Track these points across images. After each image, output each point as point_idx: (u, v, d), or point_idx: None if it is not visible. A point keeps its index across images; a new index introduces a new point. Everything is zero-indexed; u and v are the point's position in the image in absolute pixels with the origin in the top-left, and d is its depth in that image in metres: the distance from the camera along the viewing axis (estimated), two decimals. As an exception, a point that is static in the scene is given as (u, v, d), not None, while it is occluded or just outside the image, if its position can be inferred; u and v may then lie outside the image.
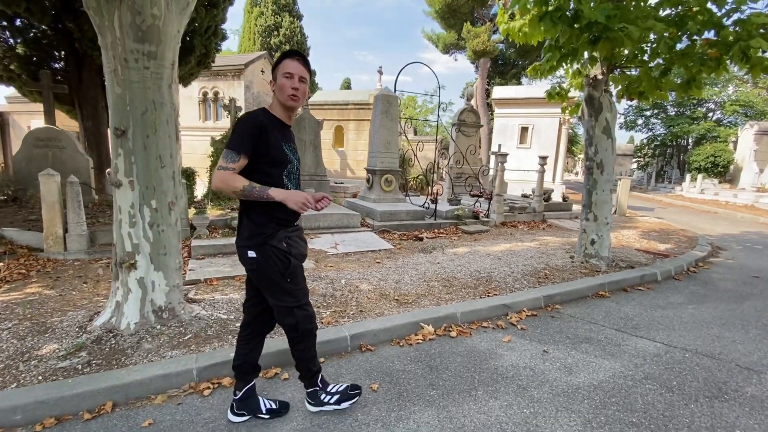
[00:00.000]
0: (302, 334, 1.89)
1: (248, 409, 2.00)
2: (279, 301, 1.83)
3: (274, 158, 1.74)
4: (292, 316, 1.84)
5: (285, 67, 1.73)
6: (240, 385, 1.99)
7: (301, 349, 1.94)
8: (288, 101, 1.75)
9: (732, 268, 5.24)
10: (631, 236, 6.96)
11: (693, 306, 3.74)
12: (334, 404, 2.04)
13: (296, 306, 1.85)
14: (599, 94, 4.93)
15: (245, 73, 9.92)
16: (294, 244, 1.84)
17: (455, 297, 3.63)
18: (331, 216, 6.24)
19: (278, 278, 1.79)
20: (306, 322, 1.88)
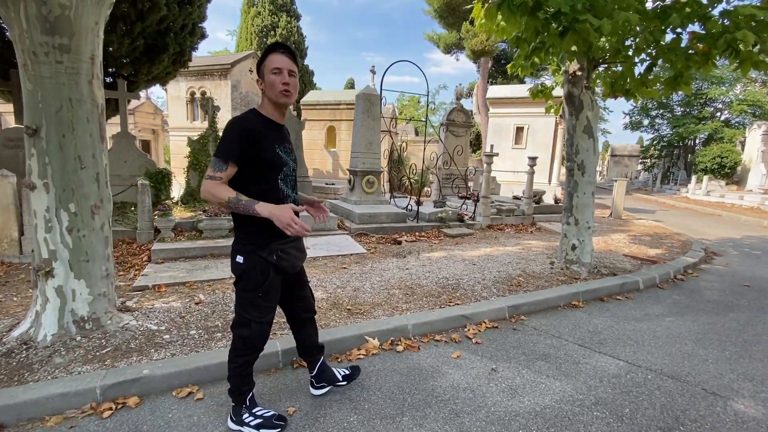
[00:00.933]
0: (247, 350, 1.85)
1: (327, 380, 2.18)
2: (242, 310, 1.80)
3: (267, 162, 1.67)
4: (248, 328, 1.81)
5: (272, 63, 1.64)
6: (311, 364, 2.17)
7: (239, 364, 1.86)
8: (280, 98, 1.67)
9: (723, 276, 4.93)
10: (621, 240, 6.66)
11: (671, 318, 3.47)
12: (253, 428, 1.90)
13: (256, 321, 1.81)
14: (579, 91, 4.67)
15: (232, 72, 9.79)
16: (286, 256, 1.79)
17: (413, 307, 3.40)
18: (305, 218, 6.04)
19: (251, 290, 1.76)
20: (258, 339, 1.85)
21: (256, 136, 1.63)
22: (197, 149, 6.97)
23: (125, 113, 6.57)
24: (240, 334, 1.82)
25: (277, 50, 1.66)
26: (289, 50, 1.69)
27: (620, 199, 9.36)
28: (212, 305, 3.28)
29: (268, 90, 1.67)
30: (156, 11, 5.72)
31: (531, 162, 7.83)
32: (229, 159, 1.59)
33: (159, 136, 14.29)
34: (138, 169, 6.70)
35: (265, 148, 1.66)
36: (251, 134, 1.62)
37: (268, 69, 1.64)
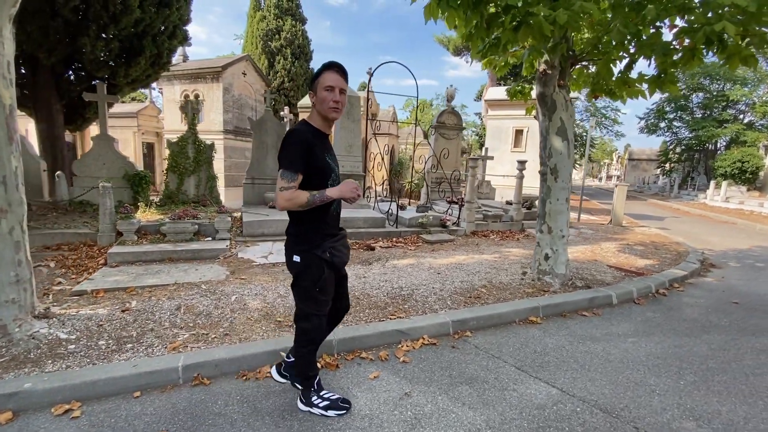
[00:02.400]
0: (309, 342, 2.03)
1: (290, 375, 2.26)
2: (303, 304, 1.98)
3: (319, 170, 1.84)
4: (308, 321, 1.98)
5: (326, 80, 1.78)
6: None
7: (304, 353, 2.05)
8: (330, 113, 1.82)
9: (713, 291, 4.52)
10: (611, 250, 6.26)
11: (634, 339, 3.14)
12: (322, 409, 2.07)
13: (315, 314, 1.97)
14: (551, 90, 4.37)
15: (223, 75, 9.79)
16: (337, 253, 1.97)
17: (351, 319, 3.18)
18: (276, 223, 5.91)
19: (310, 285, 1.91)
20: (317, 332, 2.02)
21: (312, 147, 1.79)
22: (176, 152, 6.94)
23: (104, 116, 6.60)
24: (302, 327, 2.00)
25: (332, 69, 1.80)
26: (342, 69, 1.84)
27: (620, 205, 8.88)
28: (138, 313, 3.14)
29: (318, 104, 1.82)
30: (129, 13, 5.71)
31: (520, 166, 7.49)
32: (298, 170, 1.77)
33: (162, 138, 14.52)
34: (117, 171, 6.72)
35: (318, 157, 1.82)
36: (309, 145, 1.78)
37: (322, 86, 1.78)
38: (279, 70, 17.62)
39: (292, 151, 1.76)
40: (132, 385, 2.30)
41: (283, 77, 17.63)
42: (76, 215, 5.97)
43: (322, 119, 1.87)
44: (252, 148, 7.28)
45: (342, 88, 1.82)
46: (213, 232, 5.48)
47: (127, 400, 2.22)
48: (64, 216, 5.89)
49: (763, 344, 3.06)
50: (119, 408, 2.15)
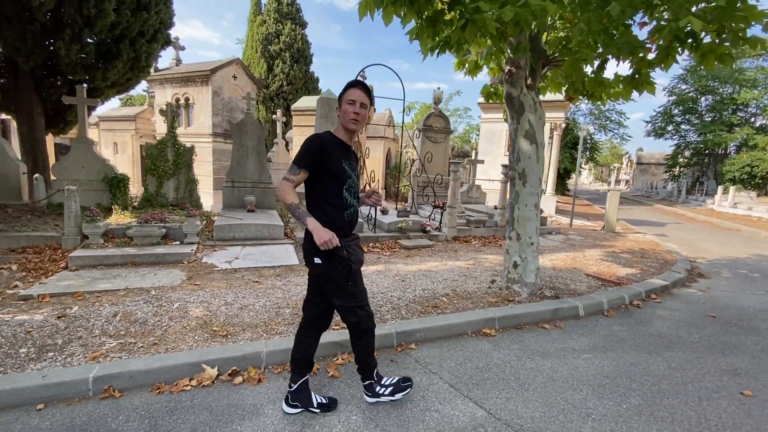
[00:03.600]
0: (363, 332, 2.10)
1: (301, 402, 2.16)
2: (342, 301, 2.04)
3: (333, 173, 1.96)
4: (354, 315, 2.05)
5: (348, 96, 1.98)
6: (296, 378, 2.17)
7: (361, 345, 2.15)
8: (349, 125, 1.99)
9: (692, 303, 4.27)
10: (594, 257, 6.02)
11: (589, 355, 2.94)
12: (389, 395, 2.21)
13: (358, 306, 2.05)
14: (518, 92, 4.20)
15: (213, 78, 9.80)
16: (353, 251, 2.06)
17: (292, 330, 3.05)
18: (248, 227, 5.82)
19: (342, 282, 2.01)
20: (366, 321, 2.08)
21: (327, 151, 1.94)
22: (155, 155, 6.92)
23: (84, 119, 6.60)
24: (350, 322, 2.07)
25: (355, 86, 2.00)
26: (364, 86, 2.02)
27: (613, 211, 8.60)
28: (73, 320, 3.06)
29: (342, 116, 2.00)
30: (104, 17, 5.71)
31: (504, 170, 7.29)
32: (302, 166, 1.92)
33: (160, 141, 14.60)
34: (96, 174, 6.72)
35: (334, 162, 1.95)
36: (322, 148, 1.93)
37: (345, 100, 1.98)
38: (278, 73, 17.68)
39: (304, 149, 1.93)
40: (37, 396, 2.21)
41: (281, 81, 17.68)
42: (51, 218, 5.96)
43: (345, 130, 2.03)
44: (232, 151, 7.23)
45: (363, 103, 1.98)
46: (182, 235, 5.41)
47: (28, 413, 2.12)
48: (39, 218, 5.89)
49: (729, 364, 2.83)
50: (16, 421, 2.05)
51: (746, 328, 3.55)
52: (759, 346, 3.15)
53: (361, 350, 2.17)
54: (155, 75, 10.61)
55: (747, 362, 2.86)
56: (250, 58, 18.31)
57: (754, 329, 3.54)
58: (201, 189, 9.15)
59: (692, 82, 21.27)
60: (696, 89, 21.17)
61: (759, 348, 3.12)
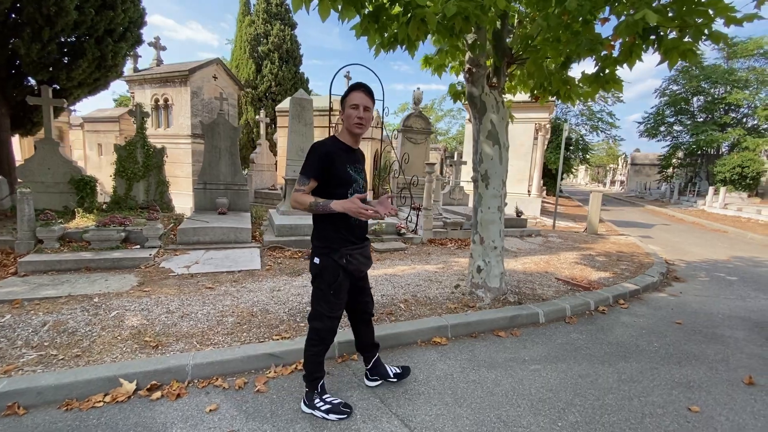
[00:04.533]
0: (319, 341, 2.13)
1: (379, 374, 2.46)
2: (317, 304, 2.10)
3: (340, 178, 1.98)
4: (320, 321, 2.09)
5: (351, 99, 1.98)
6: (367, 358, 2.47)
7: (313, 353, 2.15)
8: (354, 129, 2.00)
9: (660, 309, 4.14)
10: (568, 260, 5.88)
11: (538, 366, 2.80)
12: (323, 413, 2.15)
13: (327, 315, 2.09)
14: (480, 91, 4.07)
15: (191, 79, 9.65)
16: (354, 261, 2.06)
17: (228, 340, 2.91)
18: (213, 230, 5.67)
19: (325, 287, 2.05)
20: (327, 332, 2.13)
21: (332, 157, 1.96)
22: (124, 156, 6.77)
23: (49, 119, 6.44)
24: (314, 326, 2.11)
25: (359, 89, 1.99)
26: (367, 89, 2.02)
27: (595, 212, 8.47)
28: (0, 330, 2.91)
29: (345, 120, 2.00)
30: (64, 15, 5.56)
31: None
32: (311, 176, 1.94)
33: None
34: (62, 176, 6.56)
35: (340, 168, 1.97)
36: (328, 156, 1.95)
37: (348, 104, 1.98)
38: (266, 74, 17.54)
39: (310, 159, 1.95)
40: (-69, 416, 2.06)
41: (270, 81, 17.55)
42: (12, 221, 5.80)
43: (348, 134, 2.04)
44: (204, 152, 7.08)
45: (366, 106, 1.98)
46: (144, 239, 5.26)
47: None
48: (0, 222, 5.73)
49: (683, 376, 2.69)
50: None
51: (710, 337, 3.42)
52: (719, 356, 3.01)
53: (311, 358, 2.17)
54: (134, 75, 10.46)
55: (703, 374, 2.72)
56: (239, 58, 18.18)
57: (719, 337, 3.40)
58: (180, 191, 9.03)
59: (684, 83, 21.21)
60: (687, 90, 21.11)
61: (719, 358, 2.98)
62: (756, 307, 4.26)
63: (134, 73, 10.48)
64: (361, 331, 2.43)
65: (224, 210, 6.77)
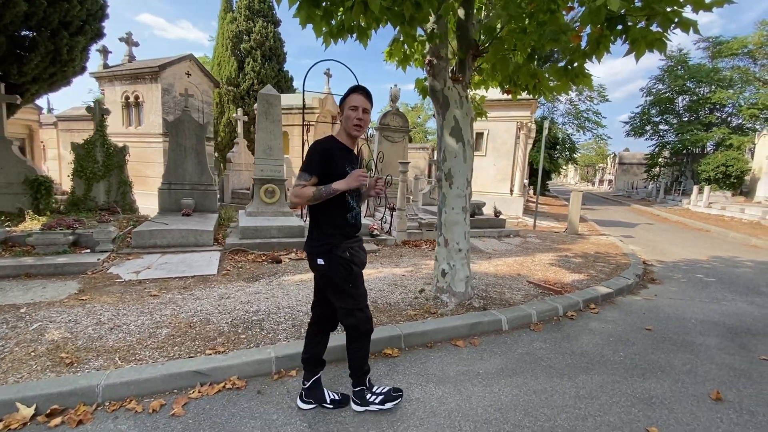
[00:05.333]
0: (360, 334, 2.09)
1: (315, 398, 2.24)
2: (341, 302, 2.06)
3: (339, 177, 1.95)
4: (352, 316, 2.06)
5: (351, 101, 1.99)
6: (308, 376, 2.24)
7: (356, 348, 2.13)
8: (353, 131, 2.02)
9: (632, 313, 3.95)
10: (543, 262, 5.69)
11: (492, 380, 2.58)
12: (379, 404, 2.17)
13: (357, 308, 2.06)
14: (442, 85, 3.85)
15: (162, 75, 9.31)
16: (356, 253, 2.08)
17: (156, 355, 2.64)
18: (172, 232, 5.38)
19: (342, 283, 2.02)
20: (365, 323, 2.08)
21: (332, 156, 1.97)
22: (82, 155, 6.45)
23: (1, 117, 6.10)
24: (348, 324, 2.07)
25: (357, 91, 2.01)
26: (367, 92, 2.04)
27: (576, 212, 8.31)
28: None
29: (344, 122, 2.02)
30: (12, 7, 5.23)
31: (459, 170, 6.93)
32: (312, 173, 1.95)
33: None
34: (16, 176, 6.22)
35: (339, 168, 1.97)
36: (328, 154, 1.96)
37: (348, 105, 1.99)
38: (248, 72, 17.19)
39: (311, 157, 1.96)
40: None
41: (252, 79, 17.19)
42: (-44, 224, 5.45)
43: (346, 135, 2.06)
44: (168, 151, 6.78)
45: (365, 108, 2.01)
46: (95, 243, 4.95)
47: None
48: (-57, 225, 5.38)
49: (646, 390, 2.49)
50: None
51: (680, 344, 3.23)
52: (687, 367, 2.82)
53: (356, 354, 2.14)
54: (104, 72, 10.09)
55: (667, 388, 2.52)
56: (221, 56, 17.79)
57: (689, 345, 3.22)
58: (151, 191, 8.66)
59: (669, 82, 21.27)
60: (672, 89, 21.18)
61: (686, 369, 2.79)
62: (731, 311, 4.10)
63: (103, 70, 10.11)
64: (322, 341, 2.30)
65: (189, 211, 6.47)
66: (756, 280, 5.49)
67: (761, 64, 19.93)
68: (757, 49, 19.22)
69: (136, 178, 9.76)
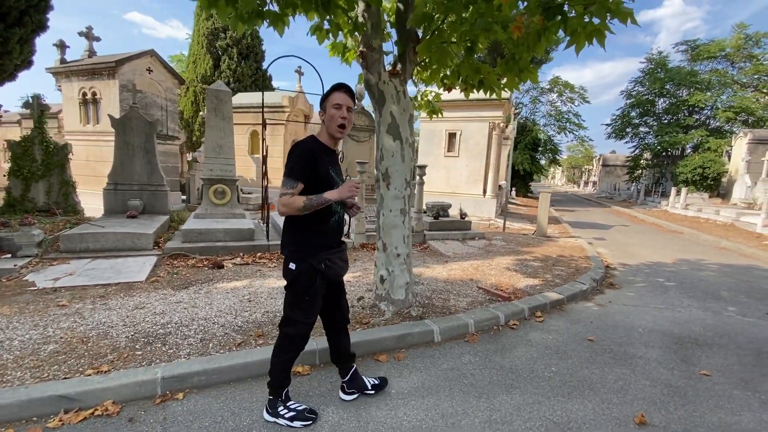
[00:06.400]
0: (290, 347, 2.06)
1: (357, 387, 2.31)
2: (290, 311, 2.02)
3: (323, 181, 1.92)
4: (293, 327, 2.03)
5: (333, 99, 1.94)
6: (344, 372, 2.31)
7: (282, 360, 2.07)
8: (336, 132, 1.97)
9: (578, 322, 3.74)
10: (501, 265, 5.48)
11: (401, 401, 2.33)
12: (288, 420, 2.06)
13: (302, 321, 2.03)
14: (376, 78, 3.60)
15: (120, 71, 8.92)
16: (332, 265, 2.03)
17: (28, 376, 2.34)
18: (105, 236, 5.04)
19: (300, 294, 1.98)
20: (300, 339, 2.06)
21: (316, 159, 1.90)
22: (19, 154, 6.07)
23: (-72, 111, 5.70)
24: (287, 332, 2.03)
25: (340, 89, 1.96)
26: (349, 89, 1.98)
27: (544, 214, 8.14)
28: None
29: (327, 121, 1.96)
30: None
31: (420, 171, 6.72)
32: (299, 179, 1.87)
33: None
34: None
35: (323, 170, 1.92)
36: (313, 156, 1.89)
37: (331, 104, 1.95)
38: (224, 70, 16.83)
39: (295, 161, 1.87)
40: None
41: (228, 77, 16.82)
42: None
43: (329, 135, 1.99)
44: (114, 150, 6.42)
45: (349, 107, 1.96)
46: (18, 247, 4.60)
47: None
48: None
49: (566, 413, 2.26)
50: None
51: (619, 357, 3.02)
52: (619, 384, 2.60)
53: (280, 365, 2.08)
54: (60, 67, 9.65)
55: (590, 410, 2.30)
56: (197, 53, 17.40)
57: (628, 358, 3.01)
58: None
59: (648, 84, 21.40)
60: (651, 91, 21.31)
61: (617, 387, 2.57)
62: (683, 319, 3.92)
63: (60, 65, 9.68)
64: (338, 339, 2.28)
65: (134, 213, 6.13)
66: (717, 284, 5.35)
67: (739, 67, 20.15)
68: (735, 52, 19.43)
69: (94, 178, 9.37)
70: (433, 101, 5.08)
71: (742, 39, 18.98)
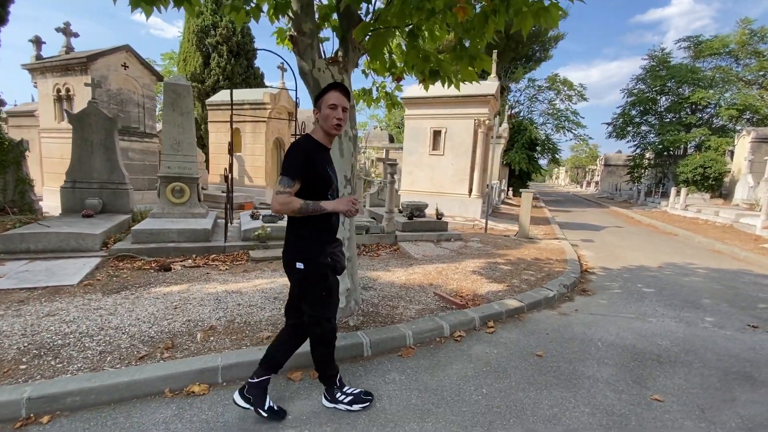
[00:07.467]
0: (325, 344, 2.13)
1: (255, 398, 2.09)
2: (312, 310, 2.04)
3: (320, 180, 1.94)
4: (319, 326, 2.06)
5: (329, 99, 1.94)
6: (260, 372, 2.13)
7: (320, 354, 2.16)
8: (332, 131, 1.97)
9: (533, 333, 3.41)
10: (468, 269, 5.15)
11: (295, 429, 2.03)
12: (347, 405, 2.17)
13: (325, 318, 2.06)
14: (309, 66, 3.30)
15: (93, 67, 8.71)
16: (337, 258, 2.08)
17: None
18: (48, 236, 4.80)
19: (317, 290, 2.00)
20: (330, 334, 2.12)
21: (314, 158, 1.92)
22: (-27, 150, 5.86)
23: None
24: (315, 333, 2.09)
25: (335, 89, 1.97)
26: (344, 88, 2.00)
27: (526, 215, 7.79)
28: None
29: (322, 121, 1.97)
30: None
31: (391, 170, 6.41)
32: (296, 177, 1.87)
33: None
34: None
35: (319, 168, 1.94)
36: (310, 155, 1.91)
37: (326, 103, 1.94)
38: (214, 68, 16.61)
39: (293, 159, 1.88)
40: None
41: (218, 75, 16.62)
42: None
43: (324, 134, 1.99)
44: (72, 146, 6.19)
45: (344, 106, 1.95)
46: (-49, 248, 4.37)
47: None
48: None
49: (480, 445, 1.94)
50: None
51: (565, 376, 2.69)
52: (553, 411, 2.27)
53: (321, 359, 2.16)
54: (35, 63, 9.48)
55: (508, 443, 1.98)
56: (186, 51, 17.21)
57: (575, 377, 2.68)
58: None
59: (650, 82, 20.85)
60: (653, 89, 20.76)
61: (550, 415, 2.24)
62: (651, 331, 3.57)
63: (36, 61, 9.50)
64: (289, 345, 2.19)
65: (90, 212, 5.89)
66: (700, 290, 4.98)
67: (744, 64, 19.55)
68: (740, 48, 18.83)
69: (67, 176, 9.17)
70: (392, 94, 4.77)
71: (747, 35, 18.39)
